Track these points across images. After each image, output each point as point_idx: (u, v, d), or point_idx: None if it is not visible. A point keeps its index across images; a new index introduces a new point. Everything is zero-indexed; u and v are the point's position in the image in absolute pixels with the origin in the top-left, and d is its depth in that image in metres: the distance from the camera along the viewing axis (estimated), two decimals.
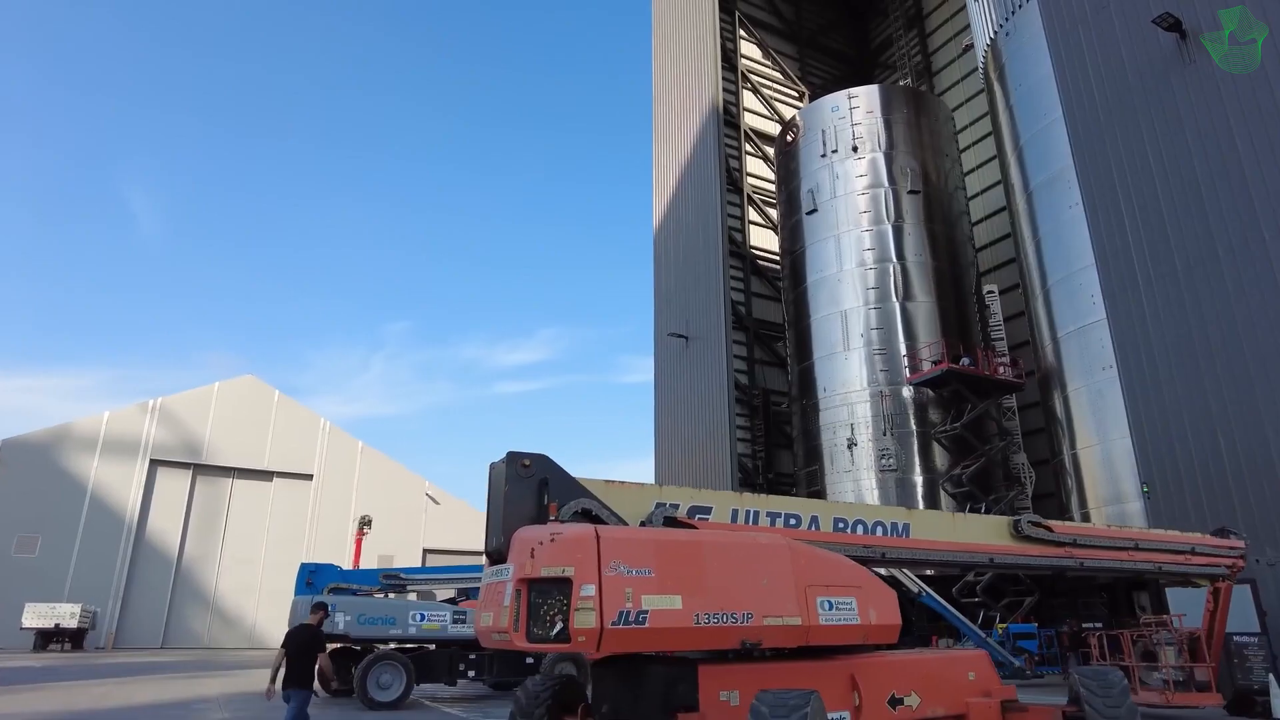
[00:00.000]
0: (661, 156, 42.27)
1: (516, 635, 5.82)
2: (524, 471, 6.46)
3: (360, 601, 16.33)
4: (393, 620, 16.14)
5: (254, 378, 46.85)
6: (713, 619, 5.99)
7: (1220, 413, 16.06)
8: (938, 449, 28.94)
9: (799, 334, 33.31)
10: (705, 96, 38.35)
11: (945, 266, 31.53)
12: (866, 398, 29.93)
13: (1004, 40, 27.21)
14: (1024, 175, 26.34)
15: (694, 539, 6.34)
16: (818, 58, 48.30)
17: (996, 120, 28.69)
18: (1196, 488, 16.16)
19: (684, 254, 37.96)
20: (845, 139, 33.06)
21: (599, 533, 5.89)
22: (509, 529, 6.28)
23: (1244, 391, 15.80)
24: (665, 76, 44.10)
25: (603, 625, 5.57)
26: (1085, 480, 22.91)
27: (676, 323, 36.53)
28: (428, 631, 16.27)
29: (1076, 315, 23.25)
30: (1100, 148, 19.22)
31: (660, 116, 43.63)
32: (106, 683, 19.71)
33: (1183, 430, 16.65)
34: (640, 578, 5.84)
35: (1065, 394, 23.92)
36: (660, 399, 37.61)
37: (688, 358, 35.82)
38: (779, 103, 44.13)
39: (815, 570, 6.68)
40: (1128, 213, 18.33)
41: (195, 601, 42.84)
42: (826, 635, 6.58)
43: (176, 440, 43.47)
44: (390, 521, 44.95)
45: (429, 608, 16.65)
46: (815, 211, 33.11)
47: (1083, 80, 20.04)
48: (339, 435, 48.23)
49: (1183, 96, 17.66)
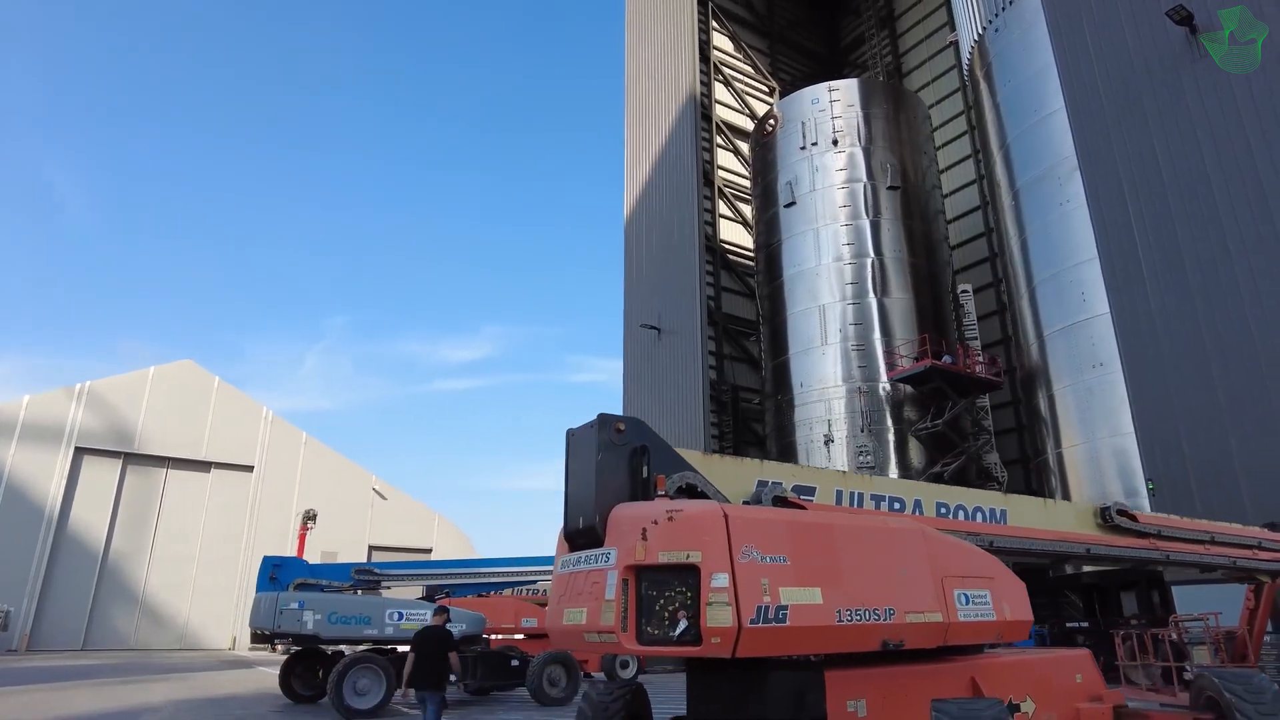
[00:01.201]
0: (634, 146, 41.26)
1: (625, 636, 4.73)
2: (618, 437, 5.35)
3: (331, 598, 14.86)
4: (368, 619, 14.73)
5: (192, 363, 44.10)
6: (854, 616, 5.01)
7: (1230, 410, 15.86)
8: (913, 447, 28.64)
9: (774, 329, 32.69)
10: (682, 85, 37.51)
11: (922, 264, 31.34)
12: (844, 394, 29.48)
13: (992, 37, 27.04)
14: (1010, 173, 26.19)
15: (829, 522, 5.35)
16: (788, 53, 47.97)
17: (981, 118, 28.55)
18: (1205, 486, 15.92)
19: (657, 245, 37.03)
20: (825, 132, 32.59)
21: (726, 511, 4.84)
22: (602, 505, 5.17)
23: (1255, 389, 15.62)
24: (638, 65, 43.11)
25: (740, 623, 4.52)
26: (1070, 480, 22.75)
27: (648, 315, 35.55)
28: (407, 632, 14.87)
29: (1065, 313, 23.11)
30: (1105, 142, 18.97)
31: (633, 106, 42.60)
32: (31, 690, 17.67)
33: (1190, 427, 16.42)
34: (775, 566, 4.81)
35: (1050, 392, 23.77)
36: (629, 392, 36.56)
37: (660, 351, 34.88)
38: (750, 96, 43.57)
39: (951, 559, 5.77)
40: (1133, 208, 18.09)
41: (122, 600, 39.93)
42: (964, 633, 5.68)
43: (105, 427, 40.48)
44: (335, 517, 42.59)
45: (407, 606, 15.27)
46: (794, 204, 32.54)
47: (1086, 74, 19.78)
48: (282, 426, 45.77)
49: (1193, 92, 17.48)
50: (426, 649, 8.64)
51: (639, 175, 40.05)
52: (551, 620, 5.56)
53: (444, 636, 8.82)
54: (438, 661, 8.57)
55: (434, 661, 8.55)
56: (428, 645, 8.68)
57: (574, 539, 5.46)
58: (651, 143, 39.51)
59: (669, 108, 38.49)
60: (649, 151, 39.52)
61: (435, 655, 8.59)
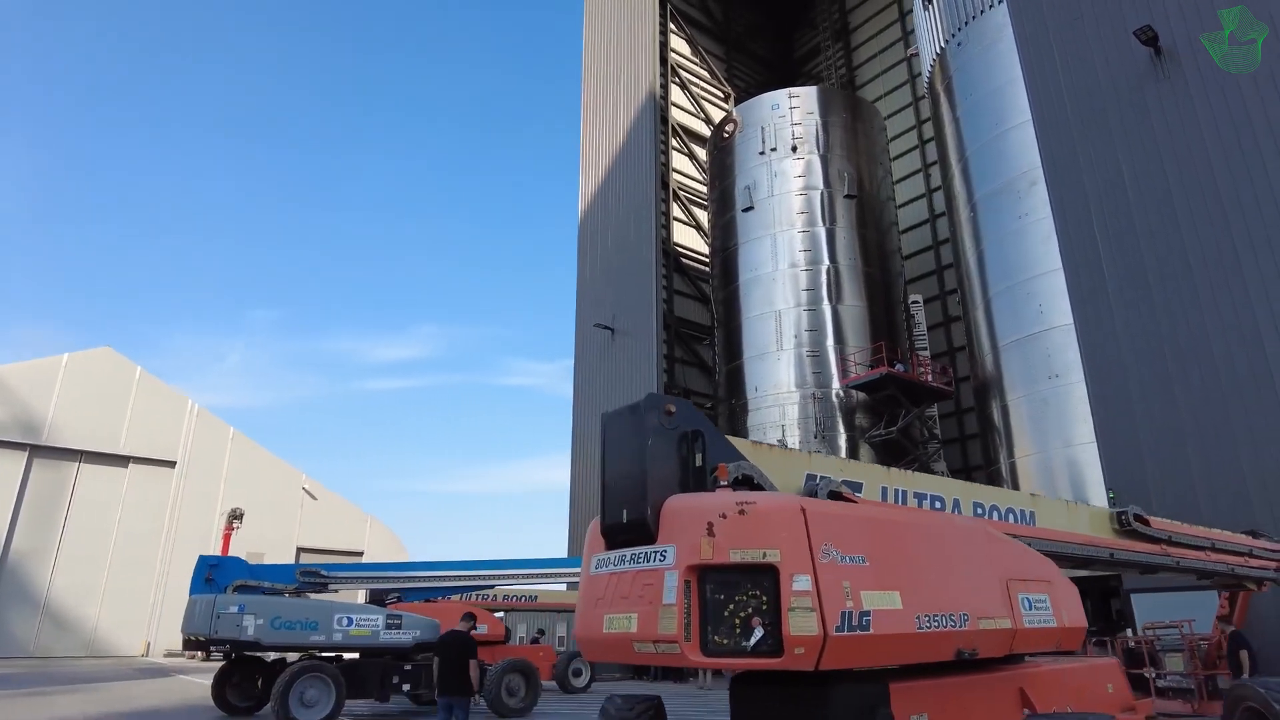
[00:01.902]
0: (590, 142, 40.59)
1: (689, 647, 4.12)
2: (668, 421, 4.75)
3: (275, 602, 13.76)
4: (315, 624, 13.68)
5: (111, 350, 41.30)
6: (932, 622, 4.53)
7: (1190, 422, 16.18)
8: (865, 453, 28.76)
9: (729, 333, 32.48)
10: (641, 83, 37.09)
11: (876, 272, 31.62)
12: (797, 399, 29.44)
13: (954, 51, 27.42)
14: (968, 186, 26.54)
15: (903, 519, 4.86)
16: (744, 61, 48.14)
17: (941, 131, 28.91)
18: (1163, 496, 16.18)
19: (612, 244, 36.44)
20: (785, 138, 32.63)
21: (803, 505, 4.29)
22: (655, 497, 4.55)
23: (1214, 402, 15.97)
24: (596, 61, 42.51)
25: (826, 632, 3.98)
26: (1022, 489, 23.05)
27: (601, 315, 34.90)
28: (357, 638, 13.90)
29: (1020, 325, 23.46)
30: (1071, 156, 19.28)
31: (590, 105, 41.95)
32: None
33: (1151, 438, 16.71)
34: (855, 567, 4.29)
35: (1005, 403, 24.09)
36: (580, 392, 35.83)
37: (614, 351, 34.26)
38: (706, 101, 43.46)
39: (1013, 561, 5.37)
40: (1098, 221, 18.41)
41: (21, 603, 36.96)
42: (1028, 641, 5.28)
43: (9, 416, 37.50)
44: (262, 516, 40.46)
45: (357, 610, 14.26)
46: (751, 209, 32.45)
47: (1053, 89, 20.11)
48: (208, 419, 43.34)
49: (1156, 110, 17.89)
50: (451, 655, 8.53)
51: (595, 172, 39.43)
52: (585, 628, 4.90)
53: (467, 642, 8.70)
54: (463, 667, 8.49)
55: (460, 667, 8.48)
56: (451, 651, 8.56)
57: (615, 535, 4.82)
58: (609, 140, 38.96)
59: (627, 106, 38.02)
60: (606, 148, 38.96)
61: (460, 661, 8.50)
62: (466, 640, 8.72)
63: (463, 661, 8.49)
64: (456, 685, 8.41)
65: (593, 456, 34.00)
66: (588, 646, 4.89)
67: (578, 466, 34.74)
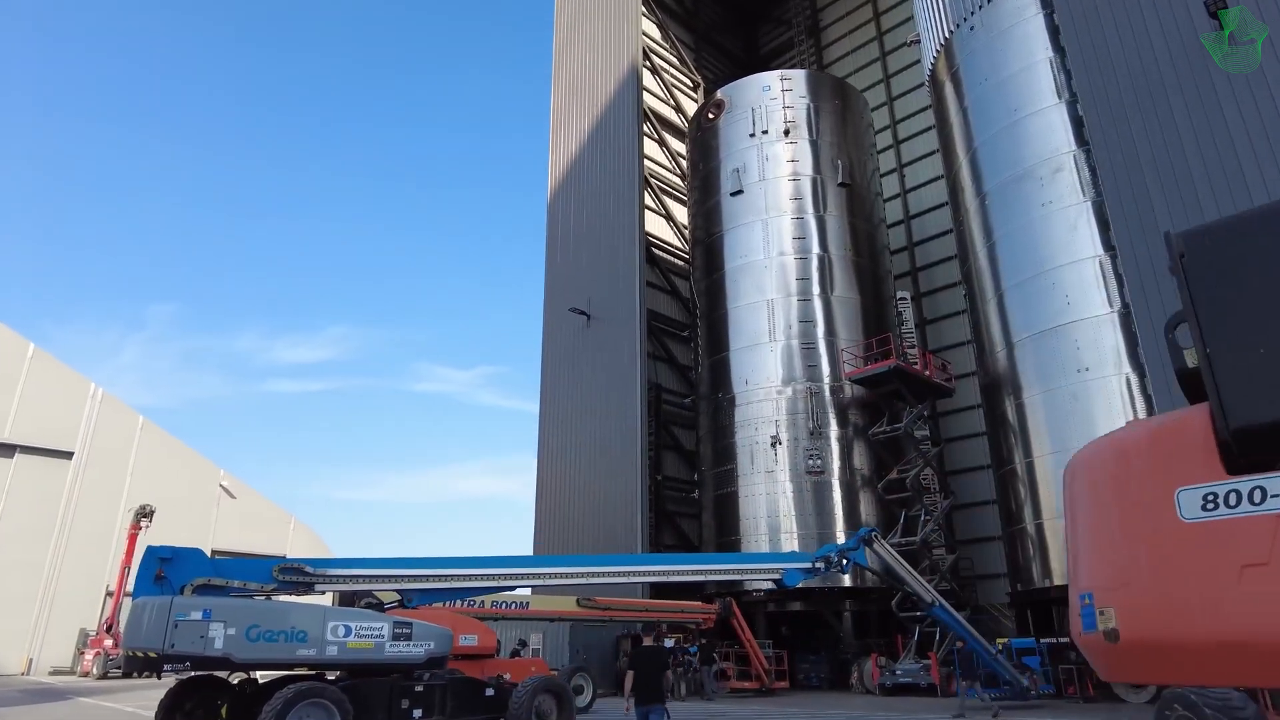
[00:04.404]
0: (562, 119, 38.07)
1: None
2: None
3: (251, 607, 10.81)
4: (303, 635, 10.77)
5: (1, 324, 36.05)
6: None
7: None
8: (858, 452, 27.28)
9: (712, 324, 30.57)
10: (624, 57, 34.92)
11: (866, 264, 30.37)
12: (789, 394, 27.72)
13: (964, 37, 26.38)
14: (977, 178, 25.47)
15: None
16: (711, 53, 46.74)
17: (945, 121, 27.81)
18: None
19: (586, 228, 34.03)
20: (777, 121, 31.09)
21: None
22: None
23: None
24: (570, 43, 40.09)
25: None
26: (1041, 491, 21.89)
27: (574, 299, 32.40)
28: (357, 652, 11.07)
29: (1042, 318, 22.36)
30: (1126, 134, 18.18)
31: (562, 81, 39.44)
32: None
33: None
34: None
35: (1019, 400, 22.94)
36: (549, 380, 33.14)
37: (587, 340, 31.80)
38: (676, 89, 41.68)
39: None
40: (1158, 203, 17.27)
41: None
42: None
43: None
44: (173, 515, 35.98)
45: (357, 617, 11.41)
46: (740, 193, 30.72)
47: (1104, 65, 19.01)
48: (114, 406, 38.42)
49: (1223, 84, 16.92)
50: (650, 667, 9.23)
51: (566, 150, 36.91)
52: (1173, 616, 2.65)
53: (662, 653, 10.32)
54: (660, 677, 9.32)
55: (657, 679, 9.23)
56: (650, 664, 9.30)
57: (1255, 446, 2.60)
58: (582, 117, 36.61)
59: (605, 82, 35.79)
60: (579, 126, 36.59)
61: (658, 672, 9.32)
62: (662, 651, 10.68)
63: (659, 672, 9.38)
64: (654, 694, 9.09)
65: (563, 455, 31.37)
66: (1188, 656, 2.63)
67: (544, 465, 32.00)
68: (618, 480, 28.17)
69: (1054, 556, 21.18)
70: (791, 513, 26.49)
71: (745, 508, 27.22)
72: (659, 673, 9.33)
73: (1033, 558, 21.89)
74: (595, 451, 29.75)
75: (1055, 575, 21.02)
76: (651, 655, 9.63)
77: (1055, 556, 21.13)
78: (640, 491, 27.55)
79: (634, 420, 28.69)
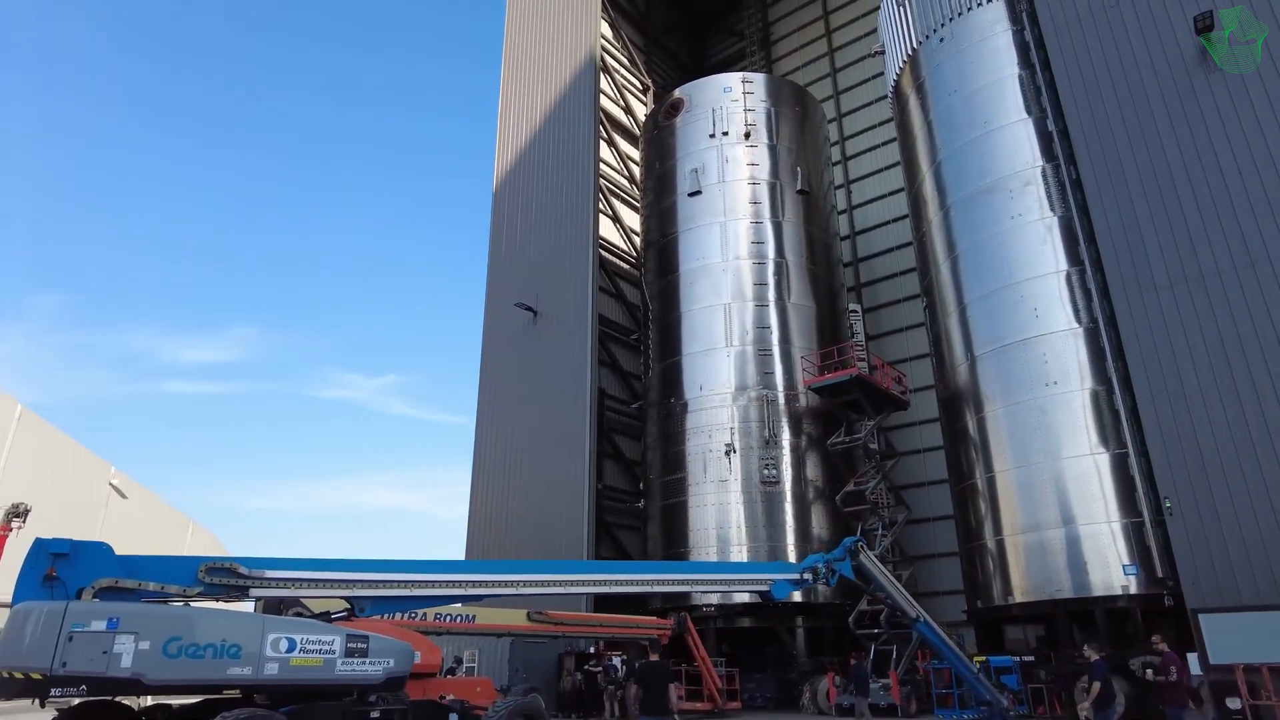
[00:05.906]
0: (512, 104, 36.39)
1: None
2: None
3: (170, 615, 8.86)
4: (236, 650, 8.88)
5: None
6: None
7: (1257, 425, 14.93)
8: (810, 463, 26.55)
9: (665, 328, 29.45)
10: (581, 50, 33.67)
11: (822, 273, 29.93)
12: (745, 401, 26.81)
13: (934, 49, 26.25)
14: (941, 189, 25.26)
15: None
16: (661, 58, 46.04)
17: (909, 133, 27.59)
18: (1228, 503, 14.80)
19: (536, 220, 32.43)
20: (737, 123, 30.42)
21: None
22: None
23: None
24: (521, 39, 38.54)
25: None
26: (1002, 506, 21.53)
27: (520, 294, 30.69)
28: (302, 671, 9.22)
29: (1006, 331, 22.12)
30: (1110, 147, 18.07)
31: (513, 62, 37.82)
32: None
33: (1211, 443, 15.34)
34: None
35: (981, 414, 22.62)
36: (487, 379, 31.23)
37: (531, 339, 30.13)
38: (626, 90, 40.68)
39: None
40: (1142, 214, 17.16)
41: None
42: None
43: None
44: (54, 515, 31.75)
45: (301, 629, 9.53)
46: (699, 193, 29.83)
47: (1088, 77, 18.95)
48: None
49: (1206, 98, 16.96)
50: (657, 684, 9.50)
51: (516, 138, 35.24)
52: None
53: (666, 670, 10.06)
54: (665, 693, 9.43)
55: (663, 694, 9.41)
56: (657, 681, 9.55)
57: None
58: (534, 104, 35.06)
59: (560, 71, 34.41)
60: (530, 113, 35.03)
61: (663, 689, 9.45)
62: (665, 668, 10.12)
63: (665, 689, 9.48)
64: (660, 708, 9.32)
65: (503, 449, 29.47)
66: None
67: (480, 470, 30.02)
68: (562, 488, 26.56)
69: (1015, 573, 20.80)
70: (742, 524, 25.50)
71: (695, 518, 26.07)
72: (664, 688, 9.49)
73: (993, 574, 21.46)
74: (537, 457, 28.07)
75: (1016, 592, 20.63)
76: (657, 670, 9.96)
77: (1016, 573, 20.75)
78: (586, 501, 26.03)
79: (581, 425, 27.22)
